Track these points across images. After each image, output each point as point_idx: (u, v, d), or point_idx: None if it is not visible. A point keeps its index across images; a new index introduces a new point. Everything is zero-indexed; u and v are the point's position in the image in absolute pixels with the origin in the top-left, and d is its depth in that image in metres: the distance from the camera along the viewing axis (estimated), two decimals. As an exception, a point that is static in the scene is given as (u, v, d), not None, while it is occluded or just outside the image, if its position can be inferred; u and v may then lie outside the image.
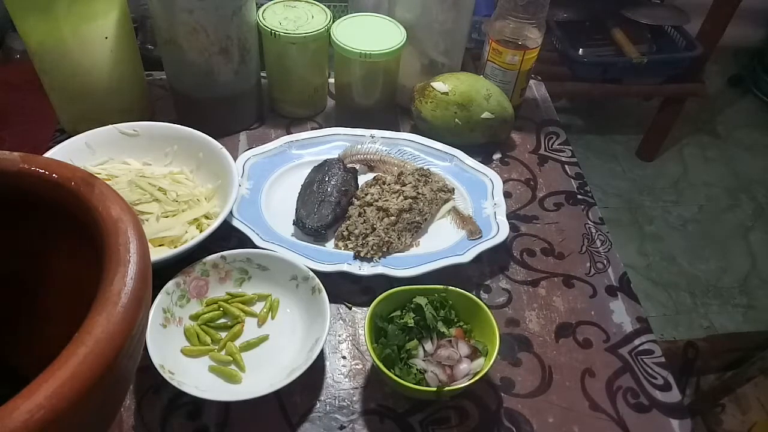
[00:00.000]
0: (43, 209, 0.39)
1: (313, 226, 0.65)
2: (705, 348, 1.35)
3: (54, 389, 0.28)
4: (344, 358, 0.58)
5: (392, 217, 0.66)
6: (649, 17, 1.73)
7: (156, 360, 0.51)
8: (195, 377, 0.53)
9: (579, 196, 0.75)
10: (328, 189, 0.67)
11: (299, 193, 0.69)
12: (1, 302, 0.43)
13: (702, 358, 1.33)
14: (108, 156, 0.67)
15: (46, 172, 0.39)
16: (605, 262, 0.68)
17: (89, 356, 0.30)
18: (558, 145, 0.83)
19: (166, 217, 0.62)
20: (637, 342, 0.61)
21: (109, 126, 0.67)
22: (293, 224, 0.66)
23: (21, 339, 0.43)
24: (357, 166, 0.73)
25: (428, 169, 0.72)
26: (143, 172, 0.65)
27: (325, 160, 0.71)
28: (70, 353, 0.29)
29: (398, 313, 0.56)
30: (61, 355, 0.29)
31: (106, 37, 0.67)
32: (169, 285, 0.56)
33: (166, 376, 0.50)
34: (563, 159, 0.81)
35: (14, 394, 0.27)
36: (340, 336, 0.59)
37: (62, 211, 0.39)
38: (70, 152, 0.64)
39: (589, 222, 0.72)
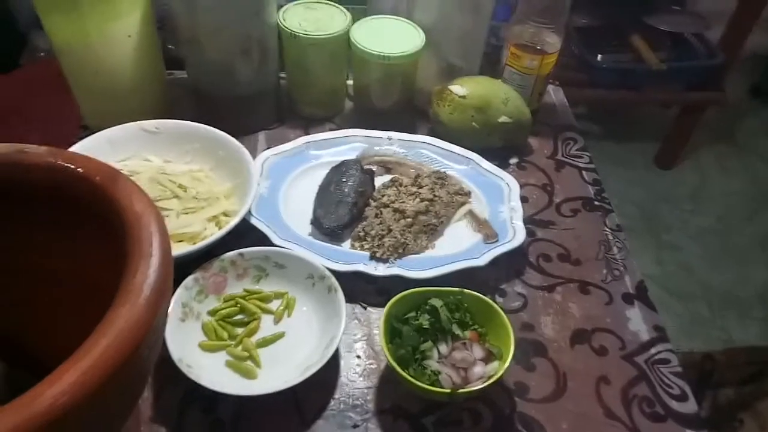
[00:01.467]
0: (68, 203, 0.40)
1: (330, 225, 0.65)
2: (722, 360, 1.33)
3: (77, 377, 0.28)
4: (359, 357, 0.58)
5: (408, 219, 0.66)
6: (669, 24, 1.72)
7: (174, 353, 0.51)
8: (212, 371, 0.53)
9: (596, 203, 0.75)
10: (346, 190, 0.68)
11: (317, 194, 0.69)
12: (24, 294, 0.44)
13: (719, 370, 1.31)
14: (130, 153, 0.68)
15: (72, 166, 0.40)
16: (622, 269, 0.68)
17: (111, 346, 0.30)
18: (576, 150, 0.82)
19: (186, 213, 0.63)
20: (653, 351, 0.60)
21: (132, 123, 0.68)
22: (311, 224, 0.67)
23: (42, 331, 0.44)
24: (374, 168, 0.73)
25: (445, 172, 0.72)
26: (164, 169, 0.66)
27: (343, 161, 0.71)
28: (93, 343, 0.30)
29: (413, 314, 0.56)
30: (84, 345, 0.30)
31: (130, 36, 0.68)
32: (188, 280, 0.57)
33: (184, 369, 0.50)
34: (581, 165, 0.80)
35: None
36: (355, 335, 0.60)
37: (86, 205, 0.39)
38: (93, 148, 0.65)
39: (606, 229, 0.72)
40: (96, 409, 0.30)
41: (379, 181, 0.72)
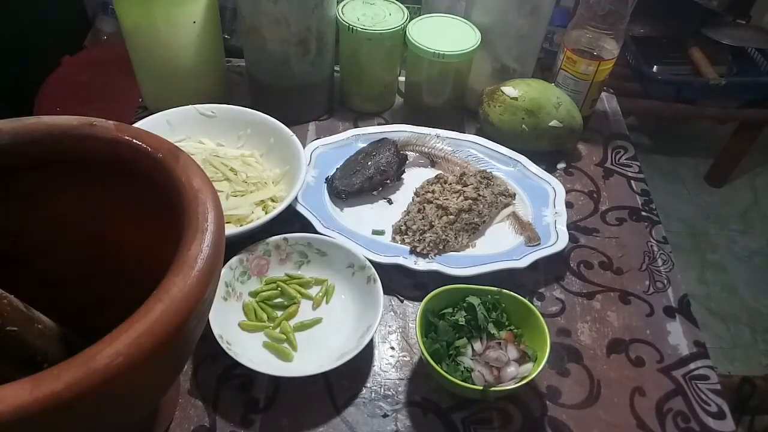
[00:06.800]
0: (132, 176, 0.42)
1: (338, 187, 0.68)
2: (762, 386, 1.29)
3: (132, 339, 0.30)
4: (393, 348, 0.59)
5: (451, 216, 0.66)
6: (731, 38, 1.67)
7: (216, 330, 0.53)
8: (249, 351, 0.55)
9: (643, 213, 0.74)
10: (369, 163, 0.70)
11: (349, 157, 0.72)
12: (83, 263, 0.46)
13: (758, 396, 1.27)
14: (186, 134, 0.70)
15: (137, 142, 0.42)
16: (665, 282, 0.66)
17: (165, 313, 0.32)
18: (625, 159, 0.81)
19: (235, 196, 0.65)
20: (692, 366, 0.59)
21: (189, 106, 0.70)
22: (325, 181, 0.70)
23: (96, 301, 0.46)
24: (413, 155, 0.75)
25: (491, 172, 0.72)
26: (217, 152, 0.68)
27: (384, 139, 0.73)
28: (149, 308, 0.32)
29: (450, 310, 0.56)
30: (140, 310, 0.32)
31: (194, 22, 0.70)
32: (233, 261, 0.59)
33: (224, 345, 0.52)
34: (630, 174, 0.79)
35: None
36: (390, 327, 0.60)
37: (148, 179, 0.41)
38: (152, 128, 0.67)
39: (652, 240, 0.71)
40: (146, 372, 0.32)
41: (423, 176, 0.73)
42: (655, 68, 1.67)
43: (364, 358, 0.57)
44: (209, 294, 0.35)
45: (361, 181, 0.69)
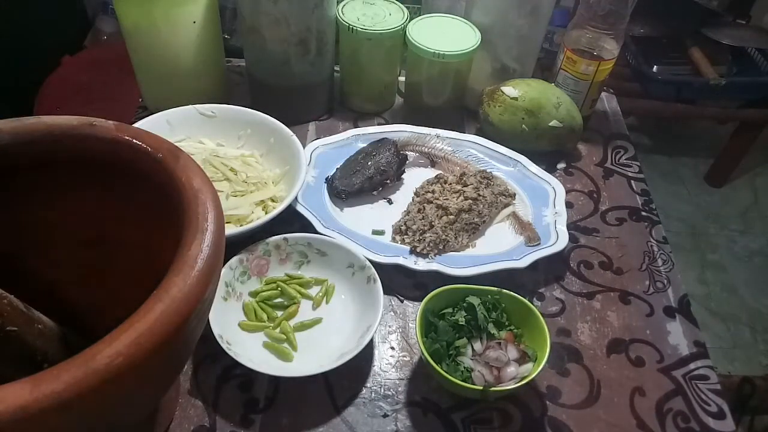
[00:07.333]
0: (133, 176, 0.42)
1: (338, 187, 0.69)
2: (762, 386, 1.29)
3: (132, 339, 0.30)
4: (393, 348, 0.59)
5: (451, 216, 0.66)
6: (731, 38, 1.67)
7: (216, 330, 0.53)
8: (249, 351, 0.55)
9: (643, 213, 0.74)
10: (369, 163, 0.71)
11: (349, 157, 0.72)
12: (83, 263, 0.46)
13: (758, 396, 1.27)
14: (186, 134, 0.70)
15: (137, 141, 0.42)
16: (665, 282, 0.66)
17: (165, 312, 0.32)
18: (625, 159, 0.81)
19: (235, 196, 0.65)
20: (692, 366, 0.59)
21: (189, 106, 0.70)
22: (325, 181, 0.70)
23: (96, 301, 0.46)
24: (413, 155, 0.75)
25: (491, 172, 0.72)
26: (217, 152, 0.68)
27: (384, 139, 0.74)
28: (149, 308, 0.32)
29: (450, 310, 0.56)
30: (140, 310, 0.32)
31: (194, 22, 0.70)
32: (233, 261, 0.59)
33: (224, 345, 0.52)
34: (630, 174, 0.79)
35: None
36: (390, 327, 0.60)
37: (149, 179, 0.41)
38: (152, 128, 0.67)
39: (652, 240, 0.71)
40: (147, 372, 0.32)
41: (423, 176, 0.73)
42: (655, 68, 1.67)
43: (364, 358, 0.57)
44: (209, 294, 0.35)
45: (361, 181, 0.69)
